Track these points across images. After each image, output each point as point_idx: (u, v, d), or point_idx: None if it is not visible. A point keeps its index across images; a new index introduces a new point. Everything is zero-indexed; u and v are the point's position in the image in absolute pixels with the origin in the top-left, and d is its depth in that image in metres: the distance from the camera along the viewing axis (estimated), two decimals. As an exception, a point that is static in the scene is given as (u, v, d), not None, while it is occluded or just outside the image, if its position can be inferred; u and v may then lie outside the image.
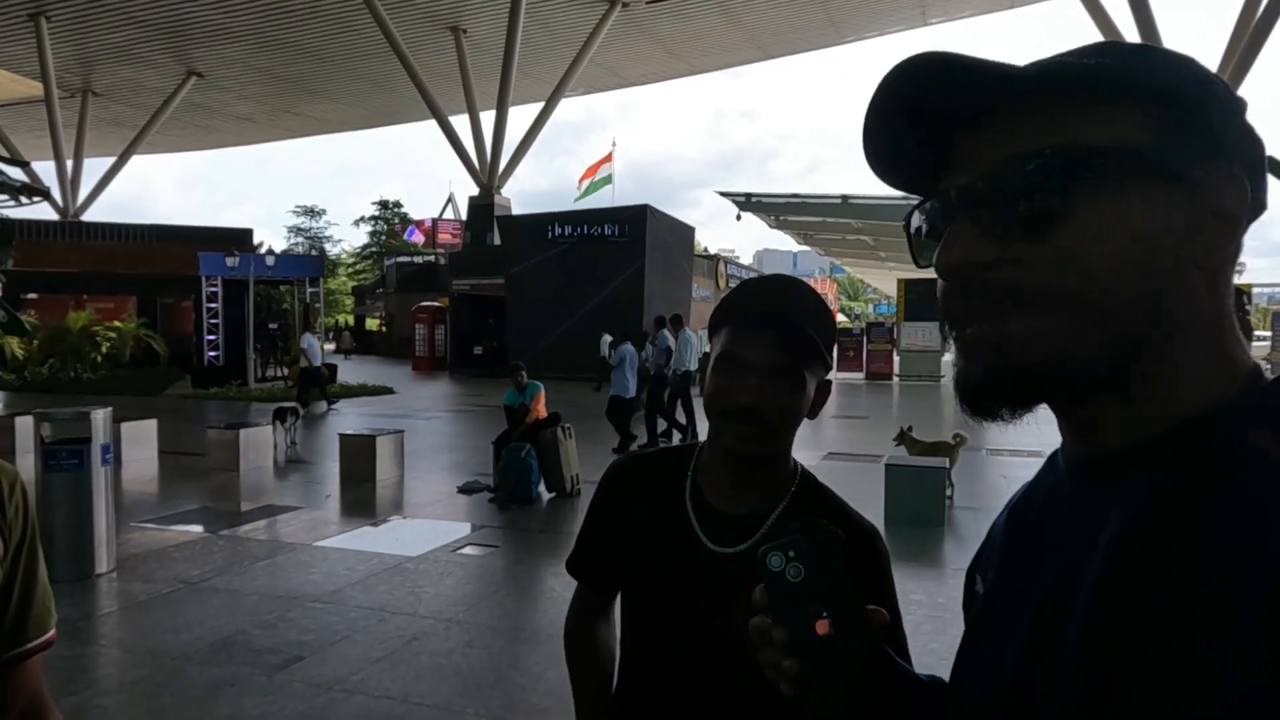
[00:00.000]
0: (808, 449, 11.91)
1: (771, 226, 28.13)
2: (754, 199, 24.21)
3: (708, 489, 1.19)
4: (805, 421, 1.17)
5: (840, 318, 54.01)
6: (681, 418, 11.77)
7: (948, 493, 7.73)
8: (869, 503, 7.94)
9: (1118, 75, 0.50)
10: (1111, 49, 0.52)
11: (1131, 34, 18.88)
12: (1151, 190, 0.49)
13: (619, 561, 1.26)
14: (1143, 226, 0.49)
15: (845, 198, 23.17)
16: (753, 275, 41.94)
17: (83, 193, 31.65)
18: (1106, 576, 0.47)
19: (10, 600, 1.05)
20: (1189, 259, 0.50)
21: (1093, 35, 19.69)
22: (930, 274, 0.57)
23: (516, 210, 28.04)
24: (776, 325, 1.11)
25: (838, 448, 11.81)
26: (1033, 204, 0.50)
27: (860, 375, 25.02)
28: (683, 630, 1.16)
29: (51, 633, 1.11)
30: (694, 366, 11.69)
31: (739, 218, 25.26)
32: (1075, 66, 0.51)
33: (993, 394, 0.53)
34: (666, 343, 11.68)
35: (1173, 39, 19.07)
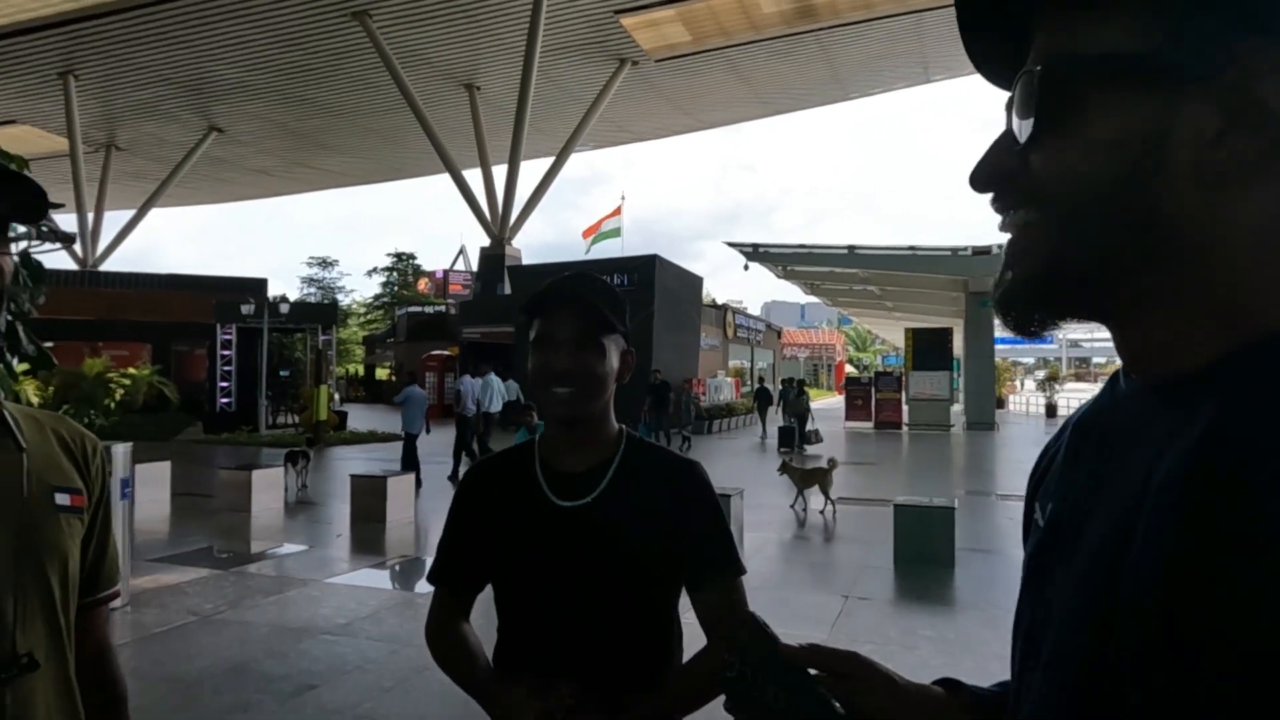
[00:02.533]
0: (816, 492, 11.88)
1: (779, 277, 28.41)
2: (761, 249, 24.55)
3: (550, 456, 1.40)
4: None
5: (849, 369, 54.07)
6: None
7: (828, 510, 9.38)
8: (879, 543, 7.93)
9: None
10: None
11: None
12: (1145, 94, 0.46)
13: (484, 553, 1.41)
14: (1129, 135, 0.46)
15: (851, 248, 23.48)
16: (760, 325, 41.62)
17: (102, 243, 32.32)
18: (1184, 486, 0.44)
19: (89, 550, 1.15)
20: (1201, 166, 0.45)
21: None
22: (937, 324, 0.58)
23: (524, 262, 28.47)
24: (574, 304, 1.36)
25: (846, 493, 11.77)
26: (1029, 116, 0.50)
27: (869, 424, 24.97)
28: (545, 576, 1.34)
29: (117, 586, 1.22)
30: (496, 408, 13.36)
31: (746, 268, 25.57)
32: None
33: (1013, 304, 0.53)
34: (461, 386, 13.20)
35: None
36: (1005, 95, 0.55)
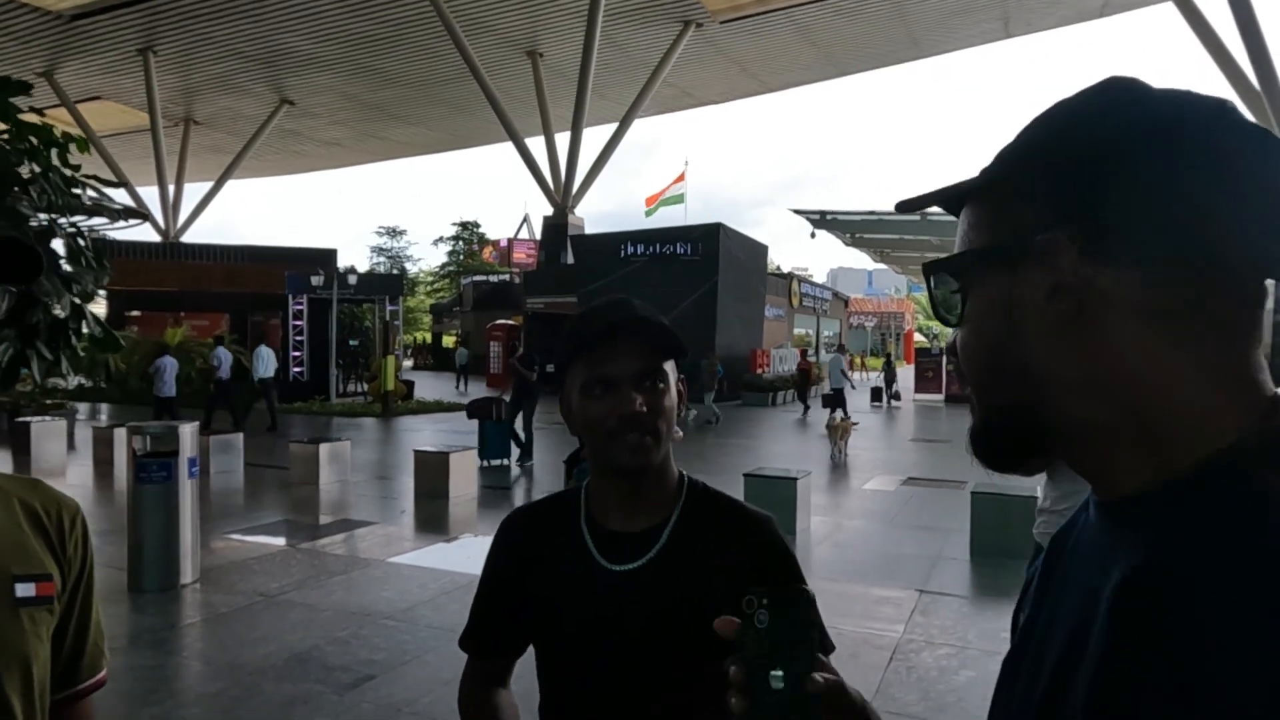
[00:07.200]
0: (885, 472, 11.52)
1: (846, 245, 27.69)
2: (829, 216, 23.88)
3: (600, 514, 1.22)
4: (883, 445, 1.12)
5: (918, 337, 52.58)
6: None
7: (837, 456, 11.84)
8: (954, 531, 7.59)
9: (986, 179, 0.59)
10: (1022, 136, 0.59)
11: (1232, 36, 17.89)
12: (1002, 274, 0.57)
13: (520, 622, 1.24)
14: (995, 305, 0.57)
15: (925, 214, 22.60)
16: (825, 293, 40.57)
17: (183, 216, 33.45)
18: (1108, 629, 0.47)
19: (65, 638, 1.01)
20: (1043, 321, 0.54)
21: (1188, 37, 18.77)
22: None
23: (586, 230, 28.30)
24: (630, 336, 1.15)
25: (916, 472, 11.39)
26: (941, 306, 0.62)
27: (939, 397, 24.23)
28: (592, 652, 1.17)
29: (103, 673, 1.07)
30: (267, 374, 16.25)
31: (813, 235, 24.95)
32: (958, 187, 0.61)
33: (978, 455, 0.60)
34: (217, 355, 15.60)
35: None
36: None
